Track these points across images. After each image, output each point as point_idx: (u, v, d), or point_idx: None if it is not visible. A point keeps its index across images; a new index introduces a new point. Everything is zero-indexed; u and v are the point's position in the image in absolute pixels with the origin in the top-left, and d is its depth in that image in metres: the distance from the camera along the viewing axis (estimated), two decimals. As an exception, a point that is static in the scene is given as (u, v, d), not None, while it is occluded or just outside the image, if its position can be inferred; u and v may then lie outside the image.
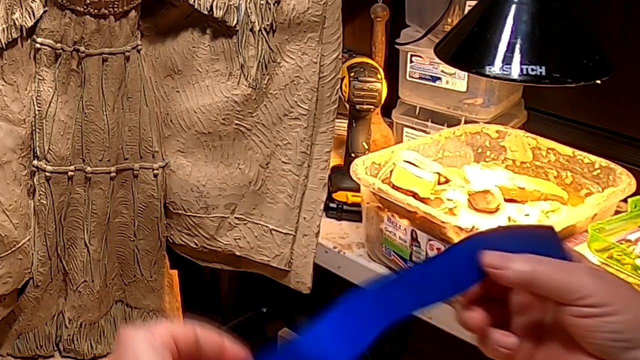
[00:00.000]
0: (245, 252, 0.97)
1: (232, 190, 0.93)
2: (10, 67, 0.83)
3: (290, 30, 0.87)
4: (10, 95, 0.84)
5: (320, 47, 0.90)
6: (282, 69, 0.89)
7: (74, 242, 0.93)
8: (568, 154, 1.35)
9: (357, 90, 1.43)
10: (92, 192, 0.91)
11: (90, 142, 0.89)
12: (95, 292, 0.95)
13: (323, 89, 0.92)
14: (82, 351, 0.98)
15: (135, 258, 0.97)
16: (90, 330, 0.98)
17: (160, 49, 0.90)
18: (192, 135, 0.92)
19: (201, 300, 2.14)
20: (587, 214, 1.20)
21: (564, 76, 1.05)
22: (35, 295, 0.93)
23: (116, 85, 0.88)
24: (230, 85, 0.88)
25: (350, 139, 1.47)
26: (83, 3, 0.82)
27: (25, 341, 0.97)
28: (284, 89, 0.90)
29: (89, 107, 0.87)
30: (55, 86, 0.85)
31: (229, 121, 0.90)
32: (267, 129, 0.91)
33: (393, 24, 1.71)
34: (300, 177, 0.94)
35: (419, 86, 1.58)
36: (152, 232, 0.95)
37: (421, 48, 1.55)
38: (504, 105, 1.56)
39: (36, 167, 0.88)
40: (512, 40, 1.05)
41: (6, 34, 0.82)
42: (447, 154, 1.42)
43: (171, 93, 0.91)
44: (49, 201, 0.89)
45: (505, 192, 1.31)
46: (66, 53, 0.85)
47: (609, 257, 1.14)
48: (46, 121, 0.86)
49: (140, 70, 0.89)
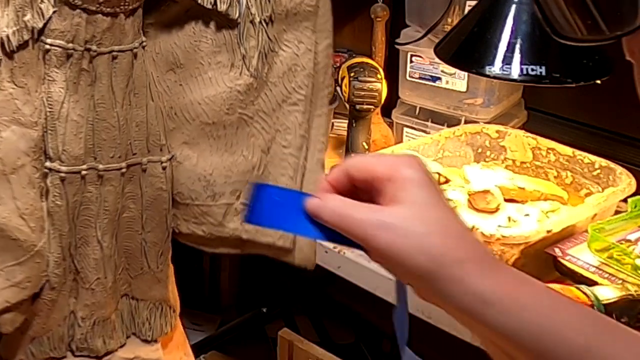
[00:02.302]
0: (251, 236, 0.99)
1: (237, 177, 0.95)
2: (21, 69, 0.84)
3: (287, 20, 0.90)
4: (21, 98, 0.84)
5: (315, 36, 0.93)
6: (280, 57, 0.92)
7: (85, 241, 0.93)
8: (568, 154, 1.35)
9: (357, 90, 1.43)
10: (104, 190, 0.92)
11: (102, 139, 0.89)
12: (108, 288, 0.96)
13: (317, 74, 0.95)
14: (95, 348, 0.99)
15: (142, 251, 0.98)
16: (103, 327, 0.98)
17: (160, 44, 0.91)
18: (197, 127, 0.93)
19: (201, 300, 2.14)
20: (587, 214, 1.20)
21: (564, 76, 1.05)
22: (51, 298, 0.94)
23: (125, 82, 0.89)
24: (233, 75, 0.91)
25: (350, 139, 1.47)
26: (96, 2, 0.83)
27: (39, 345, 0.97)
28: (283, 77, 0.92)
29: (100, 105, 0.88)
30: (67, 86, 0.86)
31: (232, 110, 0.92)
32: (267, 116, 0.94)
33: (393, 24, 1.71)
34: (300, 159, 0.97)
35: (419, 86, 1.58)
36: (159, 224, 0.97)
37: (421, 48, 1.55)
38: (504, 105, 1.56)
39: (49, 169, 0.89)
40: (512, 40, 1.05)
41: (17, 36, 0.82)
42: (447, 154, 1.42)
43: (174, 87, 0.93)
44: (64, 202, 0.90)
45: (505, 192, 1.31)
46: (77, 53, 0.85)
47: (609, 257, 1.14)
48: (59, 122, 0.87)
49: (145, 66, 0.90)
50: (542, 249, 1.15)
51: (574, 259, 1.14)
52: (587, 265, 1.13)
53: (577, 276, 1.13)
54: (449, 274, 0.57)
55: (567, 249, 1.16)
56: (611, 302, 1.03)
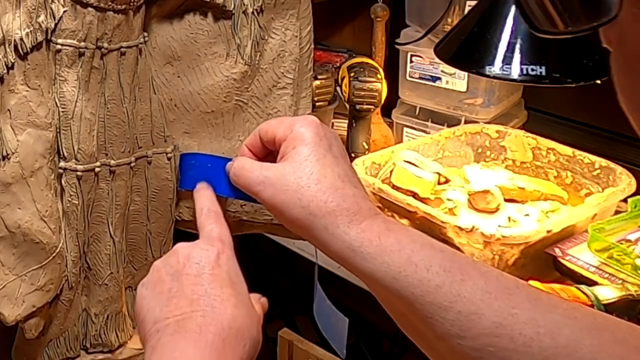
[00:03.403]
0: (250, 216, 1.01)
1: None
2: (34, 71, 0.84)
3: (275, 9, 0.95)
4: (35, 100, 0.85)
5: (299, 22, 0.97)
6: (270, 44, 0.96)
7: (97, 237, 0.94)
8: (568, 154, 1.35)
9: (357, 90, 1.43)
10: (115, 185, 0.93)
11: (114, 135, 0.91)
12: (120, 282, 0.97)
13: (302, 58, 0.99)
14: (109, 343, 1.00)
15: (147, 242, 0.99)
16: (116, 321, 1.00)
17: (157, 38, 0.93)
18: (197, 116, 0.96)
19: (201, 300, 2.14)
20: (587, 214, 1.20)
21: (564, 76, 1.05)
22: (69, 298, 0.95)
23: (131, 77, 0.90)
24: (229, 65, 0.94)
25: (350, 139, 1.47)
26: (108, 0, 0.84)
27: (55, 347, 0.98)
28: (272, 63, 0.97)
29: (111, 101, 0.90)
30: (79, 85, 0.87)
31: (229, 98, 0.95)
32: (260, 101, 0.98)
33: (393, 24, 1.71)
34: None
35: (419, 86, 1.58)
36: (164, 214, 0.98)
37: (421, 48, 1.55)
38: (504, 105, 1.56)
39: (64, 169, 0.89)
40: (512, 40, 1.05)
41: (30, 37, 0.82)
42: (447, 154, 1.42)
43: (172, 79, 0.95)
44: (80, 200, 0.91)
45: (505, 192, 1.31)
46: (89, 51, 0.86)
47: (609, 257, 1.14)
48: (73, 121, 0.88)
49: (147, 60, 0.92)
50: (542, 249, 1.15)
51: (574, 259, 1.14)
52: (587, 265, 1.13)
53: (577, 276, 1.13)
54: (321, 225, 0.64)
55: (567, 249, 1.16)
56: (611, 302, 1.04)
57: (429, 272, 0.59)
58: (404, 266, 0.60)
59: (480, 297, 0.58)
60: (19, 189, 0.86)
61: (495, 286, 0.59)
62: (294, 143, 0.68)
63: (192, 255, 0.70)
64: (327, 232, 0.63)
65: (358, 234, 0.63)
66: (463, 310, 0.58)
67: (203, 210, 0.76)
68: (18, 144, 0.85)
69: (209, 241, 0.72)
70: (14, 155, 0.85)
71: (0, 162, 0.85)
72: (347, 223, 0.63)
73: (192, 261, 0.69)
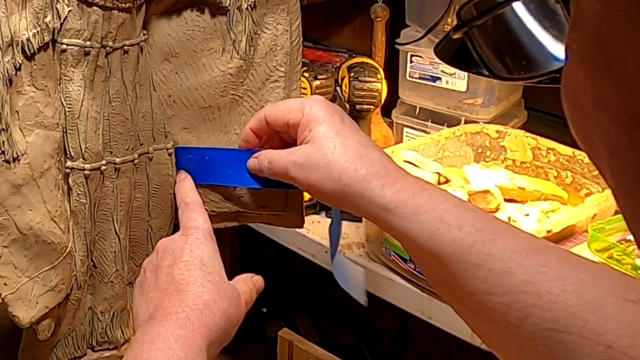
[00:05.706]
0: (247, 207, 1.03)
1: None
2: (41, 71, 0.84)
3: (267, 4, 0.97)
4: (42, 101, 0.85)
5: (289, 17, 0.99)
6: (262, 39, 0.98)
7: (102, 235, 0.95)
8: (568, 154, 1.35)
9: (357, 90, 1.43)
10: (119, 182, 0.94)
11: (118, 133, 0.92)
12: (124, 279, 0.98)
13: (292, 52, 1.01)
14: (115, 340, 1.00)
15: (148, 237, 1.00)
16: (121, 317, 1.00)
17: (153, 36, 0.94)
18: (195, 111, 0.97)
19: (201, 300, 2.14)
20: (587, 214, 1.20)
21: (564, 76, 1.05)
22: (77, 297, 0.95)
23: (132, 75, 0.91)
24: (225, 60, 0.96)
25: (350, 139, 1.47)
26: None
27: (63, 347, 0.98)
28: (265, 57, 0.98)
29: (115, 99, 0.90)
30: (84, 84, 0.87)
31: (225, 93, 0.97)
32: (254, 94, 0.99)
33: (393, 24, 1.71)
34: None
35: (419, 86, 1.58)
36: (165, 209, 0.99)
37: (421, 48, 1.55)
38: (504, 105, 1.56)
39: (71, 168, 0.90)
40: (512, 40, 1.05)
41: (37, 38, 0.83)
42: (447, 154, 1.42)
43: (170, 76, 0.96)
44: (87, 199, 0.92)
45: (505, 192, 1.31)
46: (94, 50, 0.86)
47: (609, 257, 1.14)
48: (80, 120, 0.88)
49: (146, 58, 0.93)
50: (542, 249, 1.15)
51: (574, 259, 1.14)
52: (587, 265, 1.13)
53: (577, 276, 1.13)
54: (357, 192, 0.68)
55: (567, 249, 1.16)
56: (611, 302, 1.04)
57: (462, 232, 0.62)
58: (437, 225, 0.63)
59: (510, 256, 0.60)
60: (30, 191, 0.86)
61: (526, 246, 0.61)
62: (310, 125, 0.73)
63: (168, 248, 0.77)
64: (364, 198, 0.67)
65: (393, 194, 0.66)
66: (493, 267, 0.60)
67: (181, 205, 0.83)
68: (27, 145, 0.85)
69: (184, 231, 0.79)
70: (24, 157, 0.85)
71: (11, 164, 0.85)
72: (381, 186, 0.67)
73: (167, 254, 0.76)
